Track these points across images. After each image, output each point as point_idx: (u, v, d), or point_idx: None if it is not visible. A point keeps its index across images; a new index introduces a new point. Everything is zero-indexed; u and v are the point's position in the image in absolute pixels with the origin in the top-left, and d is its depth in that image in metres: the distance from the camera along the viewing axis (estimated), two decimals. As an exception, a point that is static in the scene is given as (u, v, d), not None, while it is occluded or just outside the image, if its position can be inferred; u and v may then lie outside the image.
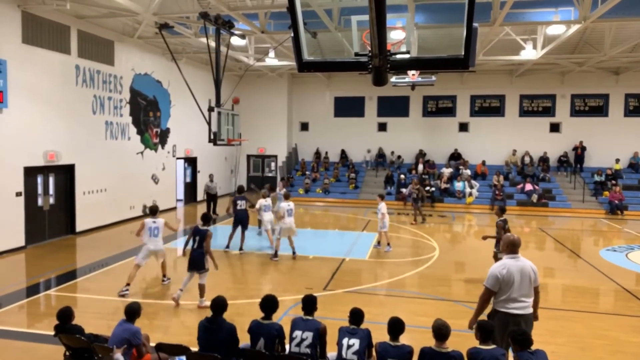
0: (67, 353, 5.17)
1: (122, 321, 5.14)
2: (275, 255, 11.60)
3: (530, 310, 5.11)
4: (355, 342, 4.63)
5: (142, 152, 17.32)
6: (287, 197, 12.23)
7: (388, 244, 12.60)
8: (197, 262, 8.15)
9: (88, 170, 14.46)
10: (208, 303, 8.37)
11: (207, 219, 8.61)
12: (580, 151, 22.67)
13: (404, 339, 4.67)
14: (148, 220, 9.19)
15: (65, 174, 13.89)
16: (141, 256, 9.03)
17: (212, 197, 18.07)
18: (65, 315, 5.15)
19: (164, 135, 18.78)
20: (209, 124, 11.89)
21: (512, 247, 5.21)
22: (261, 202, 12.58)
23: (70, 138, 13.73)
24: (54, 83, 13.07)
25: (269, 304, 5.05)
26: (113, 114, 15.57)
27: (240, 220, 12.35)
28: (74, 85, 13.79)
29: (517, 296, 5.02)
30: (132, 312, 5.16)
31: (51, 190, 13.45)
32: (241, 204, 12.45)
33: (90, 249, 12.59)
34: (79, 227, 14.22)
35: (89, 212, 14.53)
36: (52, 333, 5.16)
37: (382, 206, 12.44)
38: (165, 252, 9.48)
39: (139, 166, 17.09)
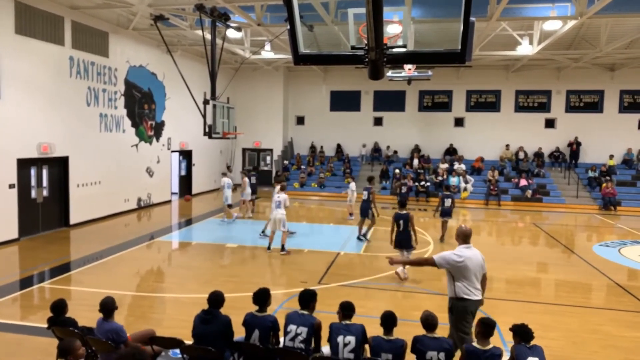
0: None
1: (101, 320, 4.94)
2: (282, 248, 11.34)
3: (481, 297, 5.44)
4: (352, 340, 4.62)
5: (136, 145, 17.23)
6: (283, 188, 11.83)
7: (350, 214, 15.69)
8: (404, 242, 9.53)
9: (82, 163, 14.38)
10: (405, 275, 9.36)
11: (404, 204, 9.95)
12: (574, 147, 22.78)
13: (397, 333, 4.68)
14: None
15: (59, 166, 13.80)
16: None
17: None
18: (58, 308, 5.11)
19: (158, 128, 18.68)
20: (204, 117, 11.84)
21: (465, 238, 5.53)
22: (274, 197, 11.87)
23: (64, 130, 13.63)
24: (47, 74, 12.95)
25: (262, 297, 5.06)
26: (107, 106, 15.46)
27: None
28: (68, 77, 13.67)
29: (474, 283, 5.35)
30: (108, 308, 4.93)
31: (45, 183, 13.36)
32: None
33: (84, 242, 12.54)
34: (73, 219, 14.16)
35: (83, 205, 14.46)
36: (46, 326, 5.14)
37: (352, 184, 15.54)
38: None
39: (133, 159, 17.01)
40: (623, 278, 10.12)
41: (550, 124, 23.55)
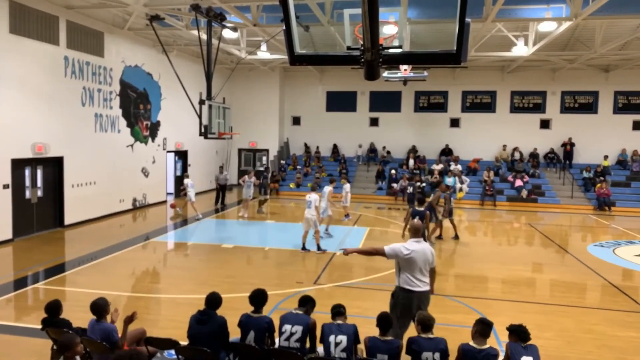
0: (55, 347, 5.12)
1: (94, 322, 4.90)
2: (318, 248, 11.59)
3: (427, 288, 5.66)
4: (343, 339, 4.63)
5: (132, 145, 17.18)
6: (313, 189, 11.94)
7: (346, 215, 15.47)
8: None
9: (77, 163, 14.31)
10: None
11: (422, 201, 10.63)
12: (569, 147, 22.89)
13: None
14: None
15: (54, 167, 13.74)
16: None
17: (221, 187, 18.88)
18: (53, 309, 5.08)
19: (154, 128, 18.63)
20: (200, 117, 11.82)
21: (415, 232, 5.76)
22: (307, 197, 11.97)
23: (59, 130, 13.57)
24: (42, 74, 12.89)
25: (258, 297, 5.06)
26: (103, 106, 15.41)
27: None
28: (62, 77, 13.61)
29: (418, 275, 5.58)
30: (99, 309, 4.89)
31: (39, 183, 13.30)
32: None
33: (79, 242, 12.49)
34: (68, 220, 14.09)
35: (78, 205, 14.39)
36: (40, 327, 5.11)
37: (347, 186, 14.98)
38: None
39: (129, 159, 16.95)
40: (617, 278, 10.18)
41: (545, 124, 23.65)
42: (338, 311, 4.92)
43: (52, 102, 13.28)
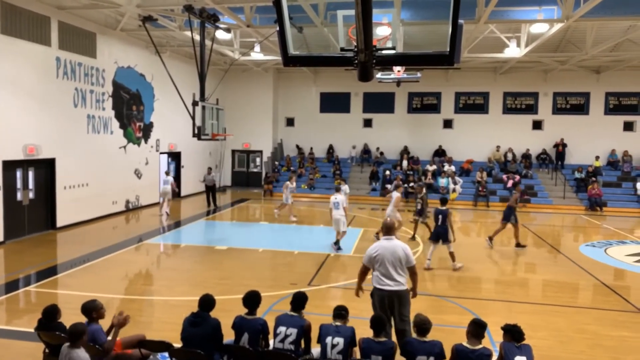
0: (47, 350, 5.08)
1: (85, 324, 4.83)
2: (338, 245, 12.00)
3: (403, 288, 5.54)
4: (340, 341, 4.63)
5: (125, 147, 17.08)
6: (337, 190, 12.61)
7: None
8: (442, 235, 10.35)
9: (69, 165, 14.21)
10: (459, 265, 10.35)
11: (445, 200, 10.96)
12: (561, 148, 23.05)
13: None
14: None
15: (46, 168, 13.63)
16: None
17: (209, 189, 18.88)
18: (51, 314, 5.02)
19: (147, 130, 18.54)
20: (193, 118, 11.77)
21: (387, 230, 5.71)
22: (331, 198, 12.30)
23: (51, 131, 13.47)
24: (33, 75, 12.79)
25: (252, 299, 5.04)
26: (95, 107, 15.31)
27: None
28: (54, 78, 13.51)
29: (388, 274, 5.49)
30: (86, 311, 4.89)
31: (31, 185, 13.19)
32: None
33: (72, 245, 12.40)
34: (60, 222, 13.98)
35: (70, 207, 14.29)
36: (32, 330, 5.06)
37: (345, 187, 15.35)
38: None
39: (121, 161, 16.86)
40: (609, 278, 10.26)
41: (537, 125, 23.81)
42: (339, 313, 4.89)
43: (44, 103, 13.18)
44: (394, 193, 13.66)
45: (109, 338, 4.84)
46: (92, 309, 4.90)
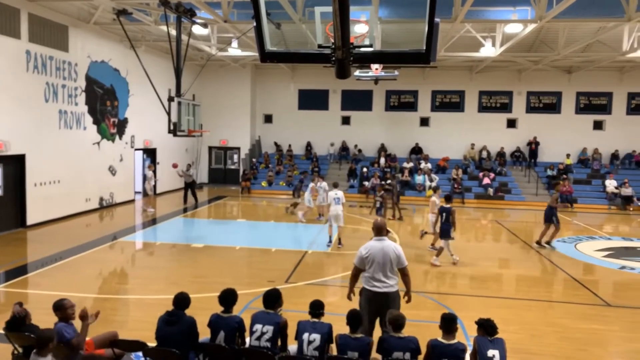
0: (16, 352, 4.94)
1: (55, 323, 4.81)
2: (330, 241, 12.36)
3: (394, 289, 5.44)
4: (317, 338, 4.63)
5: (98, 143, 16.72)
6: (335, 185, 13.19)
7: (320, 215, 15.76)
8: (445, 232, 10.54)
9: (40, 161, 13.83)
10: (438, 263, 10.55)
11: (450, 198, 11.15)
12: (534, 146, 23.58)
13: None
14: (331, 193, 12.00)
15: (15, 165, 13.23)
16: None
17: (189, 185, 18.99)
18: (18, 322, 4.89)
19: (121, 126, 18.18)
20: (169, 114, 11.62)
21: (377, 230, 5.61)
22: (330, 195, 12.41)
23: (21, 127, 13.07)
24: (2, 69, 12.38)
25: (228, 297, 5.00)
26: (67, 102, 14.93)
27: None
28: (24, 72, 13.12)
29: (378, 275, 5.41)
30: (54, 310, 4.81)
31: (0, 182, 12.81)
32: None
33: (43, 243, 12.08)
34: (30, 220, 13.60)
35: (41, 205, 13.91)
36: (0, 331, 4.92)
37: (324, 184, 15.38)
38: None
39: (95, 157, 16.49)
40: (579, 272, 10.56)
41: (511, 124, 24.29)
42: (314, 313, 4.89)
43: (13, 97, 12.78)
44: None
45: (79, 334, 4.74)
46: (59, 308, 4.79)
